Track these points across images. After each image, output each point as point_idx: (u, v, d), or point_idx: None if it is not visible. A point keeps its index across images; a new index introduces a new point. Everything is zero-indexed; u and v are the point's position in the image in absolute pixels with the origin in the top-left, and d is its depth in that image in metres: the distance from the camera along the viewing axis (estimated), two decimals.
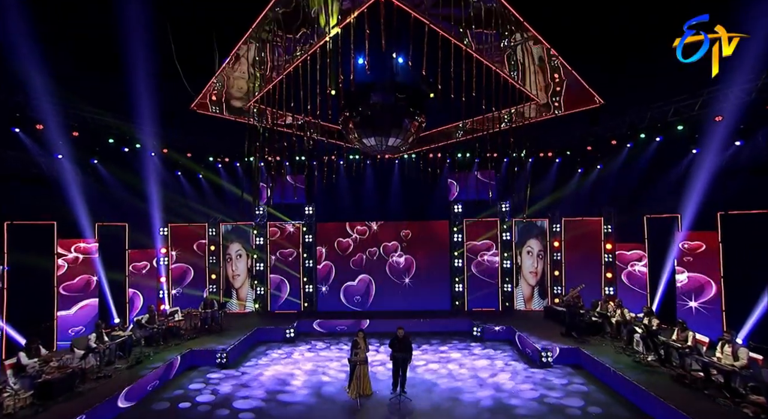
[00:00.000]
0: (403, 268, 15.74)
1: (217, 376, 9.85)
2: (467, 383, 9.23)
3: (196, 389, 9.10)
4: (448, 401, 8.35)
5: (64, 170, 11.87)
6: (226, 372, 10.13)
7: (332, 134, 11.27)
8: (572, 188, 15.10)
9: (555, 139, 15.23)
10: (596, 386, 8.82)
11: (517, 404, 8.05)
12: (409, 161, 16.35)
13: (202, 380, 9.63)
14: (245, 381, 9.54)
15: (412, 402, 8.30)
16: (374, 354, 11.17)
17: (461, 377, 9.62)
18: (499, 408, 7.92)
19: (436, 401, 8.38)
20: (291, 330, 12.99)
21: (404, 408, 8.00)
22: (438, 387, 9.10)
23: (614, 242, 14.03)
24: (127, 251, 13.65)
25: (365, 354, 8.43)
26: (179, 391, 8.97)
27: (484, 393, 8.63)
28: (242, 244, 15.80)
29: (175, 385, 9.30)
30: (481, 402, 8.22)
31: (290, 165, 16.30)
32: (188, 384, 9.41)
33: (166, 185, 14.78)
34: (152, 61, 10.22)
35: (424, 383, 9.35)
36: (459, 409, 7.97)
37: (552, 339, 11.01)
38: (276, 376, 9.83)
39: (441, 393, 8.75)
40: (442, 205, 16.32)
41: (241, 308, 15.63)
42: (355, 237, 15.93)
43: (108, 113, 12.38)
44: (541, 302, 15.14)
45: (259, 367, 10.51)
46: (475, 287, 15.38)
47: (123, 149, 13.14)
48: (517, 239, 15.49)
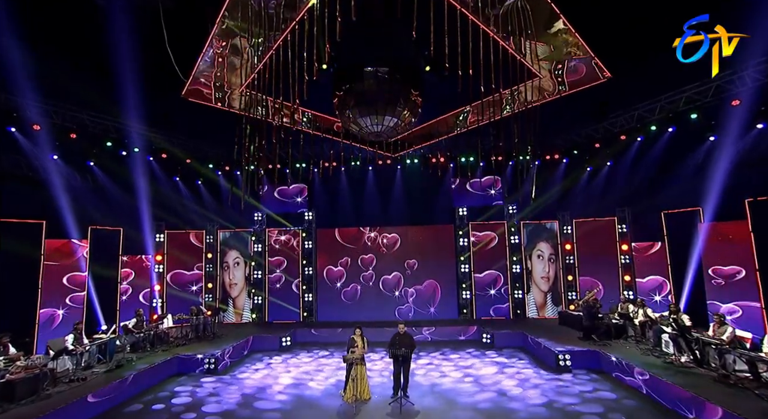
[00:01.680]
0: (407, 275, 14.98)
1: (203, 382, 9.08)
2: (475, 389, 8.33)
3: (176, 393, 8.36)
4: (454, 407, 7.46)
5: (59, 171, 11.69)
6: (213, 378, 9.35)
7: (328, 130, 11.01)
8: (582, 188, 14.44)
9: (560, 139, 14.79)
10: (624, 391, 7.84)
11: (534, 412, 7.12)
12: (411, 166, 15.96)
13: (185, 385, 8.86)
14: (230, 386, 8.76)
15: (415, 407, 7.42)
16: (376, 362, 10.32)
17: (468, 383, 8.72)
18: (514, 417, 7.00)
19: (441, 406, 7.49)
20: (287, 338, 12.19)
21: (406, 413, 7.13)
22: (444, 392, 8.21)
23: (630, 242, 13.18)
24: (121, 257, 13.18)
25: (363, 353, 7.65)
26: (159, 394, 8.24)
27: (495, 399, 7.72)
28: (240, 251, 15.27)
29: (155, 390, 8.55)
30: (492, 409, 7.31)
31: (290, 172, 16.04)
32: (169, 388, 8.66)
33: (164, 190, 14.53)
34: (146, 62, 10.19)
35: (428, 388, 8.47)
36: (466, 415, 7.06)
37: (569, 344, 10.06)
38: (263, 382, 9.03)
39: (447, 398, 7.86)
40: (446, 210, 15.75)
41: (237, 318, 14.89)
42: (355, 243, 15.32)
43: (107, 116, 12.30)
44: (555, 309, 14.17)
45: (248, 374, 9.71)
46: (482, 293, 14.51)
47: (121, 152, 12.97)
48: (526, 242, 14.73)
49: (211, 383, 9.01)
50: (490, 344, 11.80)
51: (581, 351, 9.54)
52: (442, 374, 9.38)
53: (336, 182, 16.15)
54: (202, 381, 9.18)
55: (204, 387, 8.78)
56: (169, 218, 14.74)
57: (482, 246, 14.75)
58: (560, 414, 6.96)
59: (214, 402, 7.91)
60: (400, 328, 7.87)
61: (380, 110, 7.60)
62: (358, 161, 15.86)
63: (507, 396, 7.84)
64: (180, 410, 7.52)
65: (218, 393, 8.39)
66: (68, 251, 11.41)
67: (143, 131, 13.02)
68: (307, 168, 15.78)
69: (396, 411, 7.18)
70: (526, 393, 7.99)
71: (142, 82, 11.62)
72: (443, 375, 9.32)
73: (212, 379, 9.29)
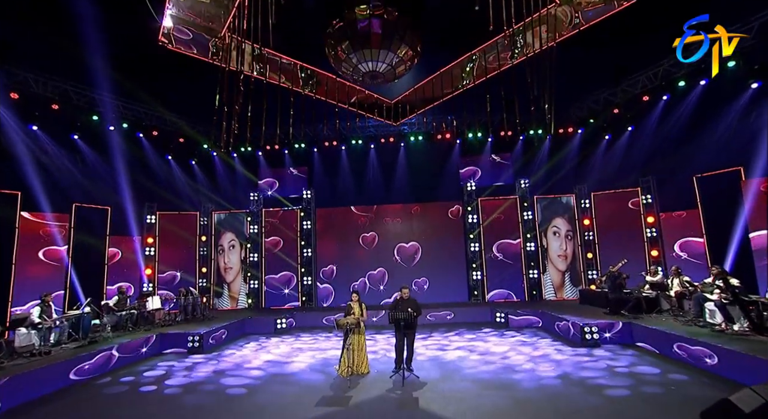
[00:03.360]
0: (411, 255, 13.99)
1: (183, 360, 8.19)
2: (492, 365, 7.27)
3: (151, 369, 7.46)
4: (462, 379, 6.42)
5: (39, 143, 11.01)
6: (195, 356, 8.45)
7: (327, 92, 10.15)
8: (600, 159, 13.33)
9: (574, 109, 13.74)
10: (669, 365, 6.66)
11: (564, 391, 6.03)
12: (415, 144, 15.03)
13: (163, 362, 7.98)
14: (208, 363, 7.85)
15: (420, 379, 6.41)
16: (378, 341, 9.33)
17: (483, 360, 7.66)
18: (543, 394, 5.94)
19: (447, 379, 6.45)
20: (283, 321, 11.25)
21: (410, 385, 6.12)
22: (456, 368, 7.17)
23: (657, 213, 12.02)
24: (108, 237, 12.41)
25: (360, 319, 6.68)
26: (132, 370, 7.35)
27: (514, 376, 6.66)
28: (235, 234, 14.44)
29: (130, 367, 7.68)
30: (513, 386, 6.26)
31: (289, 153, 15.25)
32: (145, 365, 7.79)
33: (156, 170, 13.80)
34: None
35: (436, 363, 7.45)
36: (474, 387, 6.02)
37: (595, 318, 8.92)
38: (245, 360, 8.09)
39: (450, 371, 6.82)
40: (453, 188, 14.77)
41: (233, 303, 14.01)
42: (357, 222, 14.39)
43: (92, 88, 11.63)
44: (575, 290, 13.02)
45: (235, 353, 8.78)
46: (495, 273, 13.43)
47: (108, 127, 12.25)
48: (540, 218, 13.64)
49: (191, 361, 8.12)
50: (504, 323, 10.72)
51: (611, 323, 8.43)
52: (446, 349, 8.36)
53: (336, 161, 15.30)
54: (183, 359, 8.31)
55: (182, 363, 7.91)
56: (162, 198, 13.97)
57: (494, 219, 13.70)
58: (579, 387, 5.88)
59: (182, 376, 7.02)
60: (403, 292, 6.88)
61: (375, 44, 6.71)
62: (360, 140, 15.00)
63: (518, 371, 6.78)
64: (143, 383, 6.65)
65: (193, 369, 7.49)
66: (45, 225, 10.64)
67: (132, 105, 12.34)
68: (308, 147, 15.02)
69: (398, 384, 6.18)
70: (543, 366, 6.93)
71: (130, 56, 11.12)
72: (447, 350, 8.29)
73: (195, 357, 8.40)
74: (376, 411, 5.18)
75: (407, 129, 14.90)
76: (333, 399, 5.71)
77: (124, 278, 12.43)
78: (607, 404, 5.19)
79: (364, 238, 14.21)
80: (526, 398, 5.47)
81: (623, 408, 5.05)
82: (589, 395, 5.50)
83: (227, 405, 5.65)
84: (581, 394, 5.53)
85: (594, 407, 5.09)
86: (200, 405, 5.67)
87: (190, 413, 5.41)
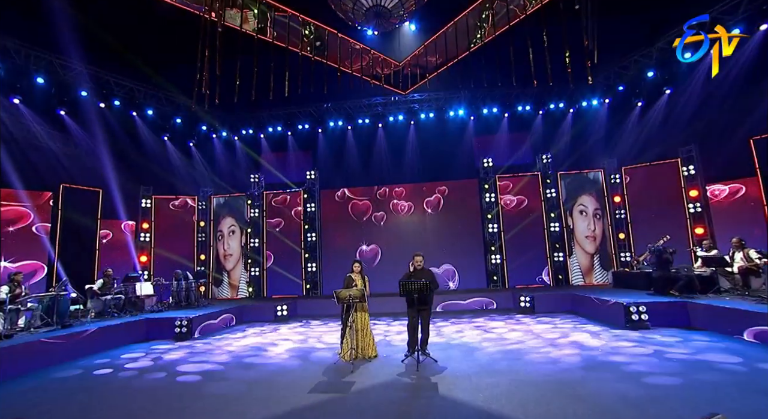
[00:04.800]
0: (425, 239, 12.87)
1: (168, 346, 7.26)
2: (527, 350, 6.15)
3: (125, 355, 6.52)
4: (500, 368, 5.30)
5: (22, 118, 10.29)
6: (181, 343, 7.52)
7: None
8: (631, 129, 12.04)
9: (601, 76, 12.45)
10: (746, 348, 5.46)
11: (627, 378, 4.89)
12: (426, 122, 13.95)
13: (142, 349, 7.08)
14: (198, 350, 6.87)
15: (439, 363, 5.33)
16: (388, 326, 8.27)
17: (516, 345, 6.53)
18: (596, 382, 4.80)
19: (481, 368, 5.33)
20: (284, 307, 10.28)
21: (426, 370, 5.05)
22: (483, 353, 6.06)
23: (702, 185, 10.68)
24: (99, 220, 11.64)
25: (363, 294, 5.62)
26: (108, 354, 6.42)
27: (556, 361, 5.53)
28: (236, 218, 13.55)
29: (101, 353, 6.76)
30: (556, 372, 5.12)
31: (292, 135, 14.34)
32: (125, 350, 6.87)
33: (151, 152, 13.01)
34: None
35: (457, 347, 6.35)
36: (522, 378, 4.90)
37: (640, 298, 7.70)
38: (239, 346, 7.10)
39: (487, 359, 5.70)
40: (468, 166, 13.64)
41: (233, 292, 13.11)
42: (364, 204, 13.36)
43: (82, 63, 10.86)
44: (606, 274, 11.74)
45: (227, 339, 7.82)
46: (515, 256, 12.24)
47: (99, 104, 11.48)
48: (564, 196, 12.40)
49: (175, 346, 7.19)
50: (529, 308, 9.54)
51: (660, 302, 7.21)
52: (467, 333, 7.23)
53: (342, 142, 14.31)
54: (167, 345, 7.38)
55: (163, 349, 6.97)
56: (158, 182, 13.18)
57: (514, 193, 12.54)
58: (641, 375, 4.71)
59: (161, 362, 6.10)
60: (416, 260, 5.80)
61: None
62: (367, 119, 14.01)
63: (559, 355, 5.63)
64: (113, 369, 5.70)
65: (177, 355, 6.54)
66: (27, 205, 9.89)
67: (124, 81, 11.56)
68: (312, 129, 14.11)
69: (411, 369, 5.11)
70: (588, 352, 5.77)
71: (123, 24, 10.36)
72: (468, 333, 7.17)
73: (181, 343, 7.46)
74: (384, 399, 4.12)
75: (417, 106, 13.85)
76: (331, 385, 4.67)
77: (116, 264, 11.63)
78: (681, 391, 4.03)
79: (374, 219, 13.16)
80: (573, 383, 4.34)
81: (710, 397, 3.88)
82: (659, 378, 4.34)
83: (202, 391, 4.66)
84: (645, 383, 4.37)
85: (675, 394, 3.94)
86: (171, 392, 4.70)
87: (157, 400, 4.44)
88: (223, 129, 14.21)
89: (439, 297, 10.32)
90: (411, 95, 13.61)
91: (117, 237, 11.96)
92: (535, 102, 13.37)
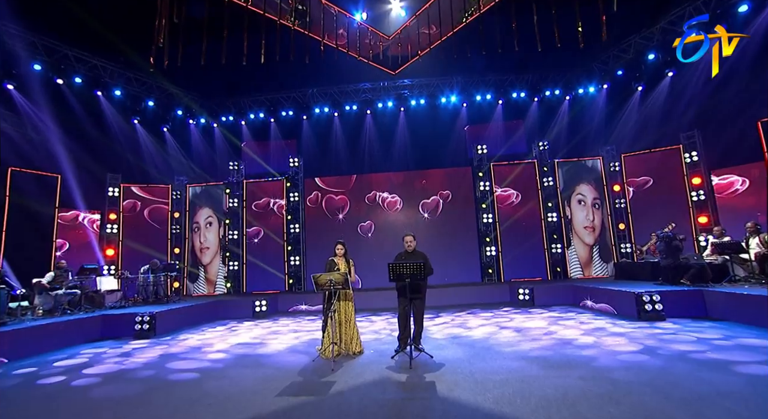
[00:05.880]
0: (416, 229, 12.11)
1: (123, 345, 6.33)
2: (539, 342, 5.42)
3: (69, 357, 5.59)
4: (510, 362, 4.55)
5: None
6: (141, 341, 6.60)
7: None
8: (631, 115, 11.53)
9: (598, 61, 11.92)
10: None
11: (668, 368, 4.19)
12: (416, 109, 13.25)
13: (91, 349, 6.14)
14: (160, 349, 5.98)
15: (435, 360, 4.57)
16: (375, 324, 7.50)
17: (523, 336, 5.81)
18: (634, 374, 4.09)
19: (486, 363, 4.58)
20: (263, 303, 9.39)
21: (419, 367, 4.29)
22: (486, 346, 5.31)
23: (706, 172, 10.19)
24: (57, 209, 10.57)
25: (348, 278, 4.83)
26: (51, 357, 5.47)
27: (578, 352, 4.82)
28: (213, 209, 12.60)
29: (41, 355, 5.81)
30: (582, 364, 4.40)
31: (275, 122, 13.46)
32: (62, 353, 5.92)
33: (120, 136, 11.97)
34: None
35: (456, 341, 5.60)
36: (540, 372, 4.16)
37: (649, 288, 7.08)
38: (208, 343, 6.23)
39: (492, 353, 4.95)
40: (461, 154, 12.98)
41: (210, 288, 12.14)
42: (351, 194, 12.56)
43: (35, 33, 9.80)
44: (605, 266, 11.18)
45: (193, 337, 6.92)
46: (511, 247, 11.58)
47: (56, 79, 10.40)
48: (562, 185, 11.81)
49: (131, 346, 6.27)
50: (528, 301, 8.87)
51: (675, 291, 6.59)
52: (466, 326, 6.50)
53: (328, 129, 13.50)
54: (123, 344, 6.45)
55: (118, 349, 6.05)
56: (127, 169, 12.14)
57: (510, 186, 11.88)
58: (688, 364, 4.03)
59: (111, 363, 5.20)
60: (407, 241, 5.04)
61: None
62: (355, 105, 13.24)
63: (580, 346, 4.93)
64: (52, 374, 4.78)
65: (131, 354, 5.65)
66: None
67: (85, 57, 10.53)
68: (296, 116, 13.28)
69: (403, 366, 4.34)
70: (611, 340, 5.08)
71: None
72: (468, 327, 6.44)
73: (140, 342, 6.55)
74: (370, 402, 3.33)
75: (407, 93, 13.15)
76: (306, 386, 3.86)
77: (78, 257, 10.57)
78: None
79: (360, 212, 12.37)
80: (611, 379, 3.62)
81: None
82: (714, 373, 3.63)
83: (151, 396, 3.80)
84: (698, 374, 3.67)
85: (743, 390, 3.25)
86: (119, 397, 3.82)
87: (102, 407, 3.56)
88: (201, 115, 13.26)
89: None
90: (401, 81, 12.91)
91: (78, 228, 10.90)
92: (530, 89, 12.81)
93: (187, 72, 12.13)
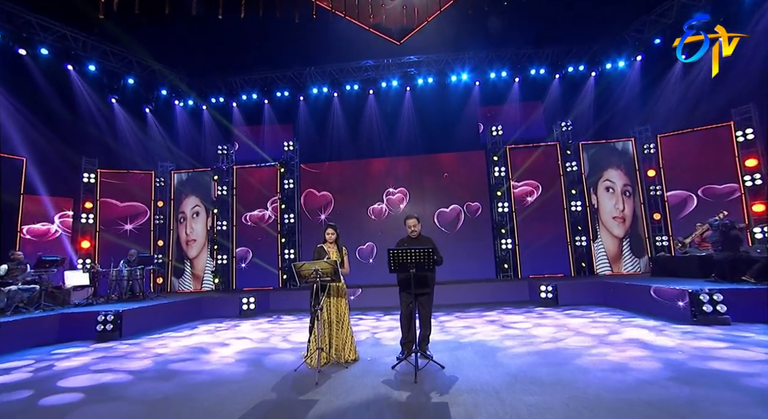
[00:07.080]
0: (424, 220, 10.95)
1: (80, 349, 5.27)
2: (567, 351, 4.25)
3: (9, 363, 4.52)
4: (547, 380, 3.37)
5: None
6: (101, 345, 5.54)
7: None
8: (669, 90, 10.20)
9: (632, 30, 10.60)
10: None
11: None
12: (423, 88, 12.06)
13: (36, 354, 5.08)
14: (119, 354, 4.90)
15: (447, 372, 3.42)
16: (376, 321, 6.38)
17: (547, 343, 4.63)
18: None
19: (514, 379, 3.41)
20: (251, 300, 8.29)
21: (425, 376, 3.14)
22: (507, 355, 4.14)
23: (763, 153, 8.85)
24: (23, 196, 9.53)
25: (339, 269, 3.68)
26: None
27: (637, 368, 3.63)
28: (201, 198, 11.54)
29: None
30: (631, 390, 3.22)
31: (269, 103, 12.35)
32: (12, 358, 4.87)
33: (96, 116, 10.90)
34: None
35: (472, 347, 4.44)
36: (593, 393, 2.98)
37: (704, 285, 5.86)
38: (178, 347, 5.13)
39: (518, 364, 3.78)
40: (473, 137, 11.80)
41: (196, 284, 11.10)
42: (352, 180, 11.43)
43: None
44: (637, 261, 9.93)
45: (164, 339, 5.84)
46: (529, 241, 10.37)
47: (17, 49, 9.22)
48: (587, 170, 10.56)
49: (88, 350, 5.20)
50: (552, 300, 7.66)
51: (739, 290, 5.37)
52: (479, 328, 5.33)
53: (326, 109, 12.39)
54: (81, 347, 5.39)
55: (65, 354, 4.98)
56: (105, 152, 11.09)
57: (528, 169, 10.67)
58: None
59: (55, 372, 4.10)
60: (410, 224, 3.92)
61: None
62: (356, 85, 12.10)
63: (636, 361, 3.74)
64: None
65: (82, 361, 4.57)
66: None
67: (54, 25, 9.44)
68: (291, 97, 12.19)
69: (406, 378, 3.19)
70: (674, 355, 3.90)
71: None
72: (480, 329, 5.27)
73: (99, 346, 5.48)
74: None
75: (414, 70, 11.96)
76: (278, 407, 2.74)
77: (45, 249, 9.56)
78: None
79: (364, 199, 11.24)
80: (672, 406, 2.44)
81: None
82: None
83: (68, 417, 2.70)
84: None
85: None
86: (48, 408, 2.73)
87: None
88: (188, 95, 12.19)
89: (437, 288, 8.45)
90: (407, 57, 11.73)
91: (47, 216, 9.88)
92: (550, 64, 11.57)
93: (171, 46, 11.12)
